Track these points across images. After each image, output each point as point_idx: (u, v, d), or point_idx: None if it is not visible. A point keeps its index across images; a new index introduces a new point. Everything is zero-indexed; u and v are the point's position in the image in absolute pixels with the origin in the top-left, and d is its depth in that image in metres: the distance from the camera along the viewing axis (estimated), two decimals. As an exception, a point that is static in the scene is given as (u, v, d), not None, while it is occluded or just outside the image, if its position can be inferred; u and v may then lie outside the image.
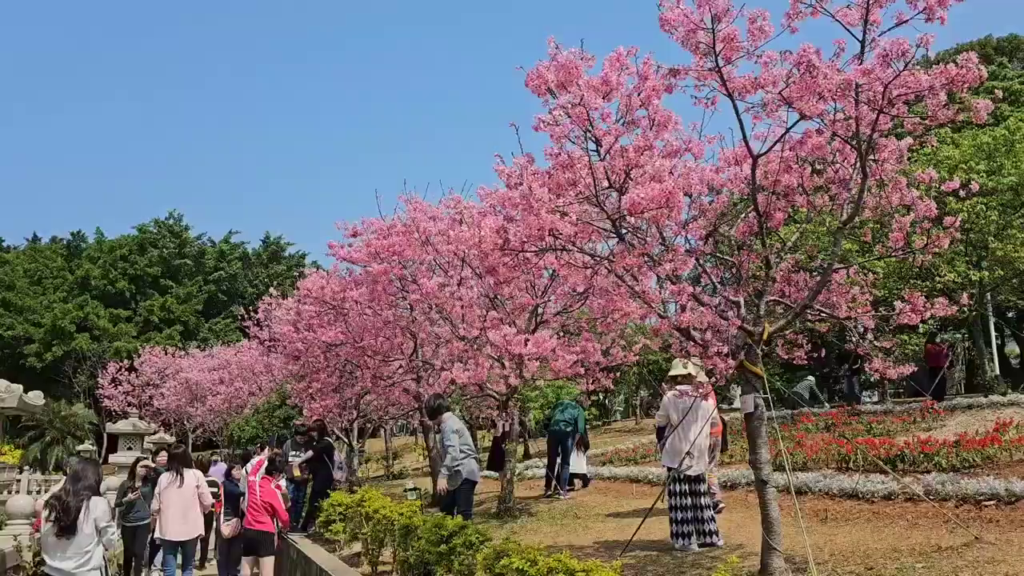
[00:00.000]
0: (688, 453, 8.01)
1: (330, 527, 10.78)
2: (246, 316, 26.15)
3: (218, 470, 15.12)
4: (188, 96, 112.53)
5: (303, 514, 13.48)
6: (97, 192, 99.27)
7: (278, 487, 9.86)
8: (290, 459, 13.83)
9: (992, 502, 7.67)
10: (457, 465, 9.32)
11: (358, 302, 12.99)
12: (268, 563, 9.45)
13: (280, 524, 9.88)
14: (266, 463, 9.95)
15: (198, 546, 11.49)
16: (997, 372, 20.94)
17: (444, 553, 6.82)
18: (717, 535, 8.04)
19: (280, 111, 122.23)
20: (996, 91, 6.00)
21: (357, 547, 10.20)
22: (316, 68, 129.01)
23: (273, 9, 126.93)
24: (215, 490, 11.22)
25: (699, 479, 8.17)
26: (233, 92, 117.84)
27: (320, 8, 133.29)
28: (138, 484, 11.26)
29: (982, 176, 16.85)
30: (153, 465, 11.64)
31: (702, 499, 8.11)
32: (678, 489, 8.11)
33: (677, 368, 8.47)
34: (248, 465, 10.88)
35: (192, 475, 10.08)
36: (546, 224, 5.71)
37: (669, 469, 8.28)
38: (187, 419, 33.77)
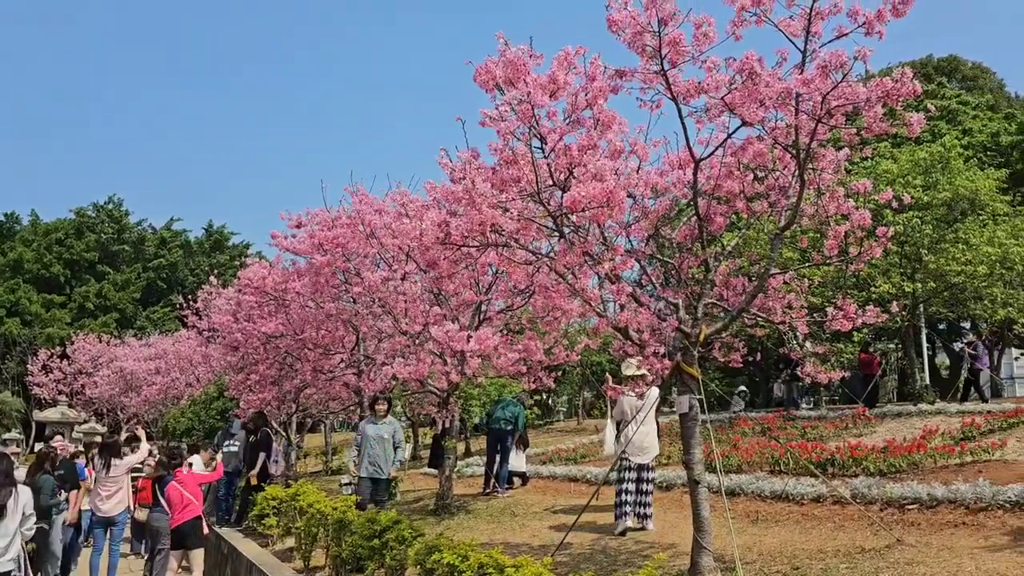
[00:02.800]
0: (631, 442, 8.80)
1: (263, 521, 10.61)
2: (185, 305, 25.59)
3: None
4: (132, 82, 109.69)
5: (236, 507, 13.24)
6: (32, 174, 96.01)
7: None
8: (225, 448, 13.60)
9: (915, 506, 7.91)
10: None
11: (300, 294, 12.82)
12: (198, 555, 9.26)
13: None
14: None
15: (127, 524, 11.63)
16: (927, 382, 21.62)
17: (376, 548, 6.79)
18: (650, 519, 8.96)
19: (228, 100, 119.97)
20: (930, 107, 6.18)
21: (290, 542, 10.06)
22: (266, 58, 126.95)
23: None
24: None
25: (645, 467, 9.03)
26: (180, 80, 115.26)
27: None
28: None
29: (918, 191, 17.35)
30: (56, 448, 11.46)
31: (645, 485, 8.97)
32: (626, 476, 8.99)
33: (630, 369, 8.66)
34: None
35: (121, 464, 10.71)
36: (487, 219, 5.70)
37: (621, 456, 9.03)
38: (120, 409, 32.93)
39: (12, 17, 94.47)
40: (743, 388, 25.40)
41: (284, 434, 17.49)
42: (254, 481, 12.47)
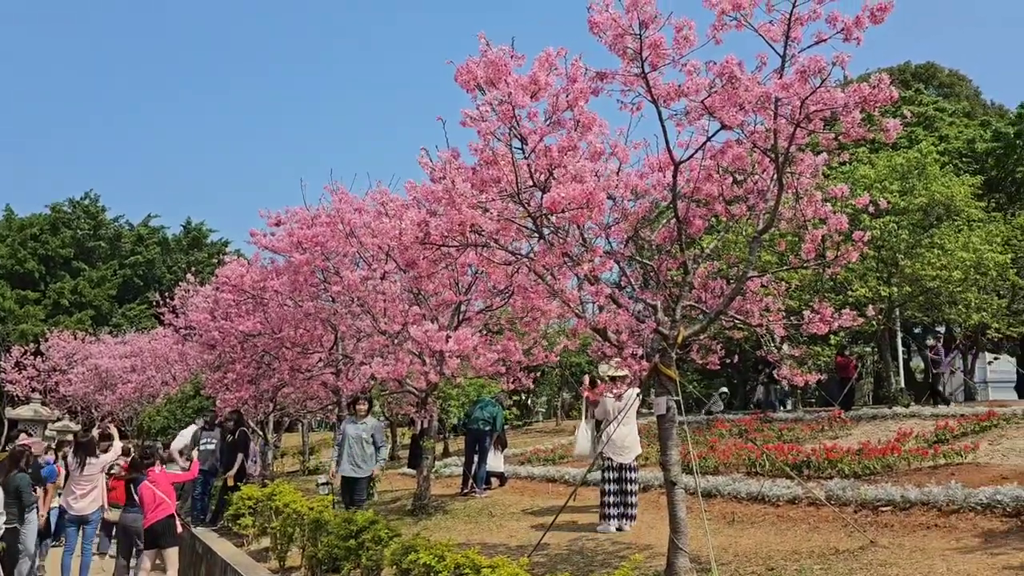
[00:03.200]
0: (613, 442, 8.91)
1: (238, 521, 10.53)
2: (162, 303, 25.34)
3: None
4: (113, 78, 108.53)
5: (212, 507, 13.13)
6: (8, 170, 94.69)
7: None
8: (201, 445, 13.48)
9: (888, 508, 7.98)
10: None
11: (278, 292, 12.73)
12: (171, 554, 9.18)
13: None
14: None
15: (99, 524, 11.51)
16: (902, 385, 21.86)
17: (352, 548, 6.75)
18: (634, 519, 9.07)
19: (210, 96, 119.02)
20: (906, 113, 6.25)
21: (266, 542, 10.00)
22: (247, 55, 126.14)
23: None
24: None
25: (627, 467, 9.10)
26: (160, 77, 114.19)
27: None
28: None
29: (895, 196, 17.53)
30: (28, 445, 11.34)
31: (628, 485, 9.06)
32: (609, 476, 9.04)
33: (611, 370, 8.69)
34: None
35: (96, 463, 10.70)
36: (467, 219, 5.69)
37: (602, 456, 9.10)
38: (95, 407, 32.52)
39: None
40: (724, 390, 25.54)
41: (261, 433, 17.38)
42: (231, 482, 12.38)
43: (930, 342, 20.01)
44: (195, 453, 13.46)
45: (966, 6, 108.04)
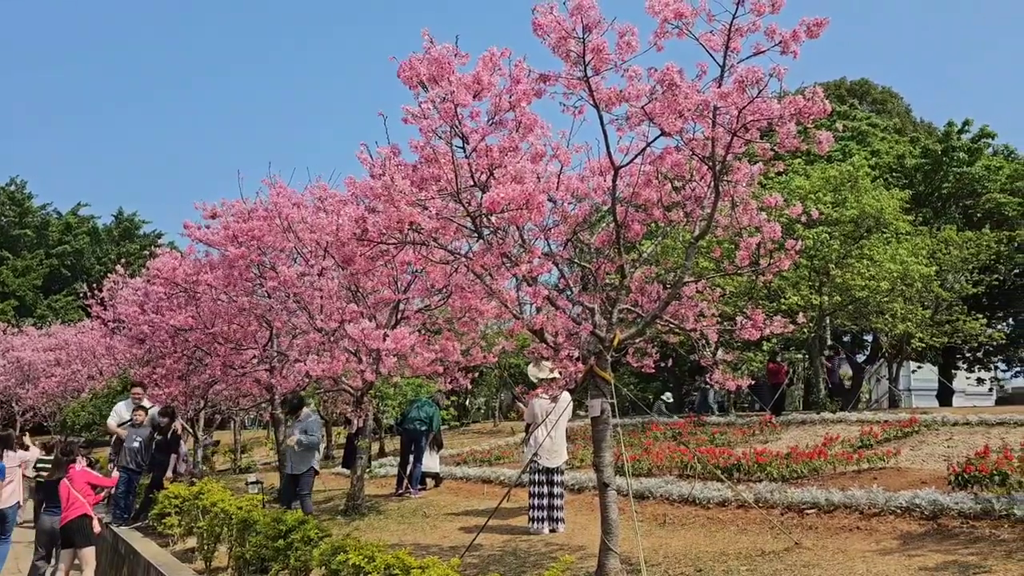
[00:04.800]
0: (542, 446, 8.90)
1: (164, 520, 10.25)
2: (90, 294, 24.51)
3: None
4: (47, 65, 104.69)
5: (137, 505, 12.74)
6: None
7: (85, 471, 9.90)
8: (126, 442, 13.05)
9: (813, 510, 8.19)
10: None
11: (212, 286, 12.39)
12: (87, 554, 8.90)
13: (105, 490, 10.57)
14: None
15: (17, 516, 11.16)
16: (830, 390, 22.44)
17: (281, 548, 6.64)
18: (563, 522, 9.04)
19: (144, 85, 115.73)
20: (839, 127, 6.42)
21: (192, 542, 9.75)
22: (186, 44, 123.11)
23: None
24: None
25: (555, 471, 9.08)
26: (98, 65, 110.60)
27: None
28: None
29: (828, 207, 18.02)
30: None
31: (556, 488, 9.05)
32: (536, 479, 9.01)
33: (543, 371, 8.69)
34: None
35: (14, 457, 10.48)
36: (405, 216, 5.64)
37: (531, 460, 9.08)
38: (16, 401, 31.24)
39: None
40: (668, 394, 25.85)
41: (191, 431, 16.96)
42: (168, 485, 12.03)
43: (827, 353, 20.75)
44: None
45: (900, 26, 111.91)
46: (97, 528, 9.40)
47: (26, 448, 11.57)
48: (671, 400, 25.50)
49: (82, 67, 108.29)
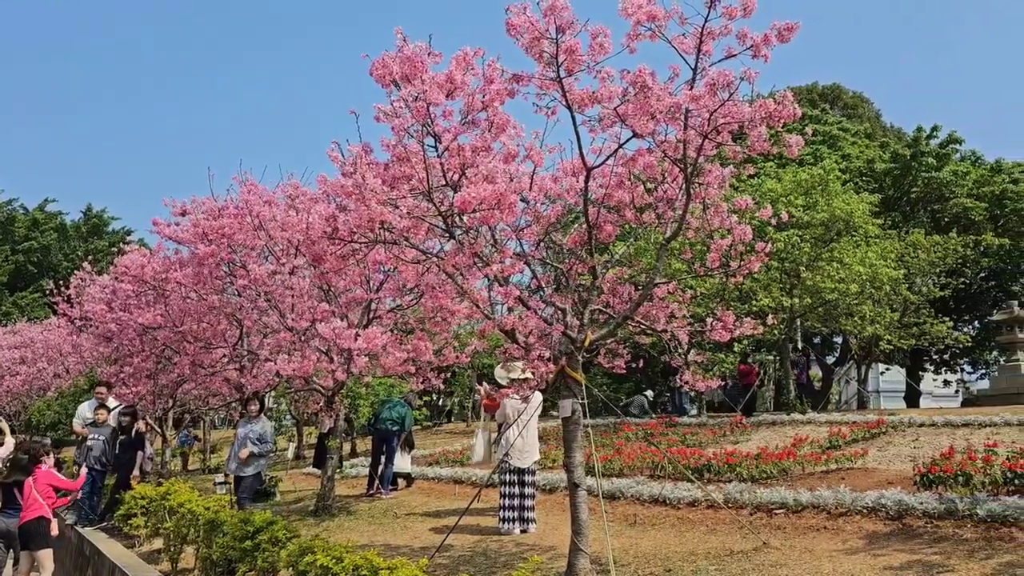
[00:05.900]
0: (514, 446, 8.92)
1: (130, 521, 10.11)
2: (56, 292, 24.12)
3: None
4: (15, 61, 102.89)
5: (102, 505, 12.56)
6: None
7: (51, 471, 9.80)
8: (89, 442, 12.85)
9: (782, 510, 8.26)
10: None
11: (181, 284, 12.26)
12: (44, 557, 8.77)
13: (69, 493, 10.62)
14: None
15: None
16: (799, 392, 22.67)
17: (248, 549, 6.57)
18: (534, 523, 9.04)
19: (116, 82, 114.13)
20: (808, 131, 6.48)
21: (158, 543, 9.63)
22: (159, 41, 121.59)
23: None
24: None
25: (526, 471, 9.06)
26: (68, 60, 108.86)
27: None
28: None
29: (799, 210, 18.20)
30: None
31: (527, 489, 9.04)
32: (507, 479, 9.00)
33: (515, 372, 8.68)
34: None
35: None
36: (376, 215, 5.60)
37: (503, 459, 9.07)
38: (-21, 400, 30.69)
39: None
40: (648, 393, 25.93)
41: (159, 430, 16.75)
42: (135, 484, 11.86)
43: (793, 356, 21.00)
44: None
45: (873, 33, 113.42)
46: (55, 531, 9.25)
47: (2, 433, 11.29)
48: (652, 397, 25.60)
49: (51, 62, 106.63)
